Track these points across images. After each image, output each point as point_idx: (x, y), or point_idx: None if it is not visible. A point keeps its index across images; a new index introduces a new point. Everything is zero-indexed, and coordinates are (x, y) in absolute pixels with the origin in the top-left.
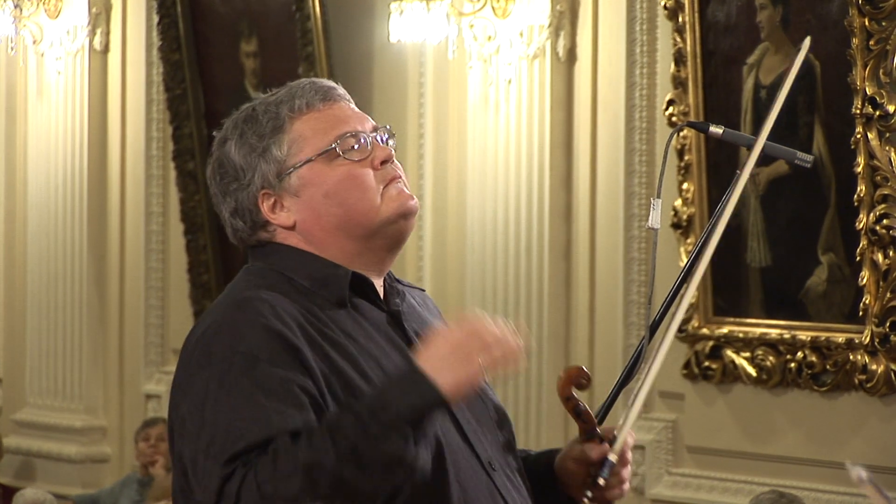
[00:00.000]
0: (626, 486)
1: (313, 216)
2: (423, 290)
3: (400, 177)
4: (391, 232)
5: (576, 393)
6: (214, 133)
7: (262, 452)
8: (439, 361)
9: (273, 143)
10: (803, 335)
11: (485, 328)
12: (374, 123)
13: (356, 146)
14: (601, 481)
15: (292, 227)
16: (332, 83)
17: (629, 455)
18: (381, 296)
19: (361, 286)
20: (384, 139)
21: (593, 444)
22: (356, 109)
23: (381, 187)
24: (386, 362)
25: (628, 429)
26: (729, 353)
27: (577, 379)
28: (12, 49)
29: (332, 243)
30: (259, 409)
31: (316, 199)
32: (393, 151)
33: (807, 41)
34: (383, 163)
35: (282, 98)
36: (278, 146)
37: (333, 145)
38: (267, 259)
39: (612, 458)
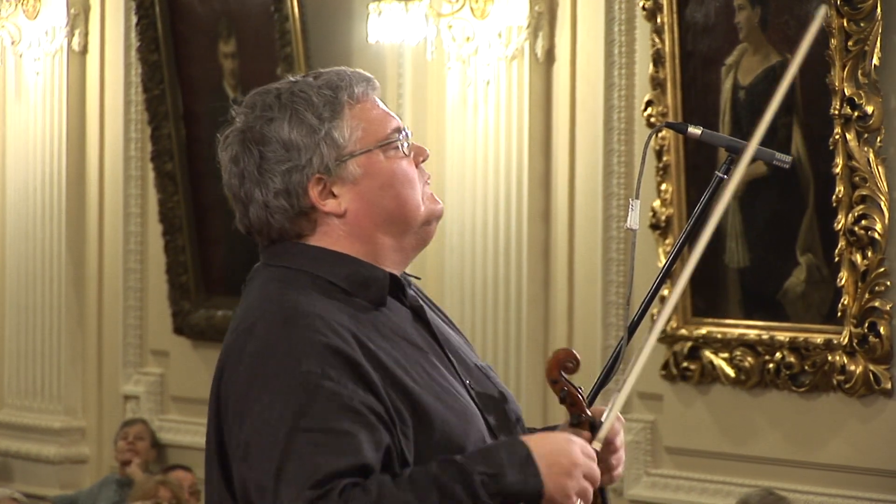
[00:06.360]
0: (618, 471)
1: (366, 206)
2: (419, 278)
3: (429, 178)
4: (422, 233)
5: (566, 376)
6: (233, 111)
7: (352, 483)
8: (555, 467)
9: (334, 127)
10: (782, 336)
11: (594, 479)
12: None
13: (406, 143)
14: None
15: (342, 216)
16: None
17: (619, 441)
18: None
19: (393, 285)
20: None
21: (578, 430)
22: None
23: (421, 186)
24: (423, 360)
25: (612, 418)
26: (707, 353)
27: (564, 362)
28: None
29: (376, 236)
30: (335, 434)
31: (372, 189)
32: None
33: (822, 9)
34: (422, 161)
35: (334, 82)
36: (339, 131)
37: (393, 139)
38: (294, 260)
39: (596, 445)
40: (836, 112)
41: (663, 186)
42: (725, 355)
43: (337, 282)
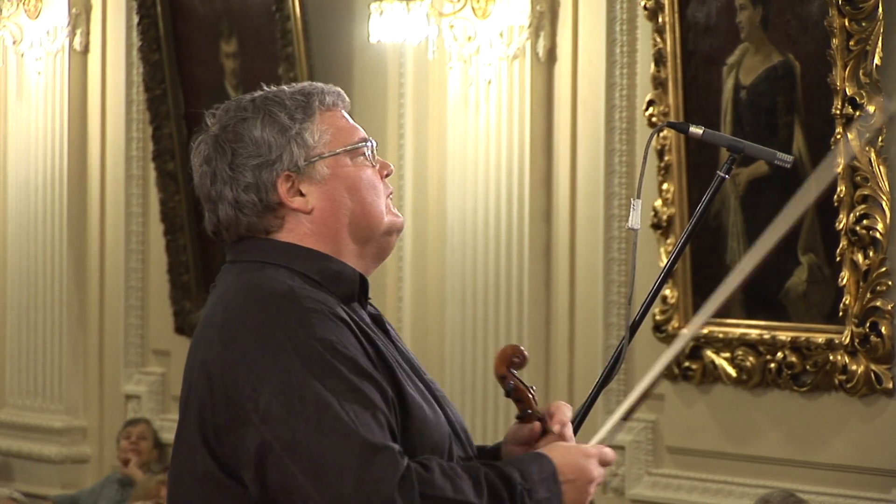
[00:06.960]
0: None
1: (332, 207)
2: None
3: (392, 193)
4: (383, 243)
5: (513, 371)
6: (207, 119)
7: (401, 451)
8: (574, 484)
9: (304, 128)
10: (783, 335)
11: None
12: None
13: (373, 153)
14: None
15: (309, 213)
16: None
17: (568, 431)
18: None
19: (360, 285)
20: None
21: (526, 423)
22: None
23: (384, 198)
24: (394, 358)
25: (608, 429)
26: (709, 353)
27: (511, 357)
28: None
29: (340, 237)
30: (362, 395)
31: (338, 190)
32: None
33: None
34: (386, 176)
35: (307, 90)
36: (310, 132)
37: (361, 145)
38: (265, 255)
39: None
40: (838, 112)
41: (665, 186)
42: (727, 355)
43: (310, 275)
